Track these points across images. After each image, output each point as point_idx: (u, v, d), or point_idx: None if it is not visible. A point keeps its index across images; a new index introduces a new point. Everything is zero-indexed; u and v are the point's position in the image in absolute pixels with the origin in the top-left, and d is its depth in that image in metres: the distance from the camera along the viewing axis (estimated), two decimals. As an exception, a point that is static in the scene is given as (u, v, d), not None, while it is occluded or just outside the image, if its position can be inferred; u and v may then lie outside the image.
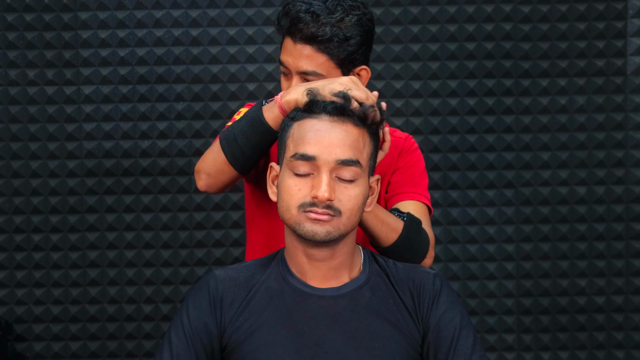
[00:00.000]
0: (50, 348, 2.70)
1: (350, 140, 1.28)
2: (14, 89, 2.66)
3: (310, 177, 1.28)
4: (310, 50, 1.53)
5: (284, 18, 1.54)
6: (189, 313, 1.33)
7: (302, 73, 1.54)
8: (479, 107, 2.68)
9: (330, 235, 1.28)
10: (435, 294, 1.34)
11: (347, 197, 1.28)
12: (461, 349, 1.31)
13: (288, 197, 1.29)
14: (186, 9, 2.66)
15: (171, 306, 2.69)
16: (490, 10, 2.65)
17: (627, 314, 2.70)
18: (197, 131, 2.67)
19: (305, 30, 1.51)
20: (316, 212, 1.26)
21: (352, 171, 1.28)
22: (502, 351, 2.70)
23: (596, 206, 2.69)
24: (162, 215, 2.69)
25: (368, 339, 1.30)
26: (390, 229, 1.49)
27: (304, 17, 1.50)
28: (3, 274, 2.69)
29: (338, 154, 1.27)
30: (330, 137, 1.28)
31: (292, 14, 1.52)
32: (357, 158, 1.28)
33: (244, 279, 1.36)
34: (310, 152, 1.27)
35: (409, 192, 1.64)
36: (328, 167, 1.27)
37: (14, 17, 2.64)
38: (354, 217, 1.30)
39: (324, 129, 1.28)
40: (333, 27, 1.51)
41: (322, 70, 1.54)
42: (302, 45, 1.52)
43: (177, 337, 1.32)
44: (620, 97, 2.67)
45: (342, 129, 1.29)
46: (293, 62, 1.54)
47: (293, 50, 1.54)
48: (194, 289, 1.37)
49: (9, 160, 2.67)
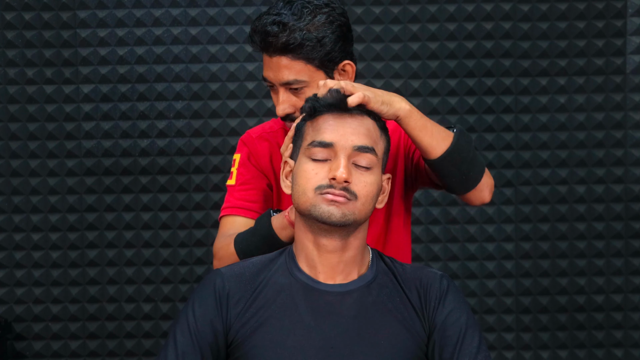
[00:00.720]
0: (50, 347, 2.70)
1: (365, 129, 1.33)
2: (13, 88, 2.66)
3: (327, 162, 1.31)
4: (287, 60, 1.52)
5: (254, 35, 1.54)
6: (194, 311, 1.33)
7: (285, 84, 1.54)
8: (478, 106, 2.68)
9: (346, 217, 1.29)
10: (442, 294, 1.35)
11: (362, 183, 1.31)
12: (466, 349, 1.31)
13: (304, 181, 1.31)
14: (185, 8, 2.65)
15: (170, 305, 2.70)
16: (489, 9, 2.65)
17: (626, 312, 2.70)
18: (196, 130, 2.67)
19: (276, 42, 1.50)
20: (333, 193, 1.28)
21: (368, 158, 1.31)
22: (501, 350, 2.70)
23: (595, 205, 2.69)
24: (161, 214, 2.69)
25: (374, 335, 1.31)
26: (440, 137, 1.43)
27: (272, 30, 1.50)
28: (2, 273, 2.69)
29: (355, 140, 1.31)
30: (345, 127, 1.32)
31: (260, 29, 1.51)
32: (373, 146, 1.32)
33: (250, 275, 1.37)
34: (328, 139, 1.31)
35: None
36: (345, 152, 1.30)
37: (13, 16, 2.64)
38: (368, 205, 1.32)
39: (340, 119, 1.33)
40: (302, 31, 1.50)
41: (304, 76, 1.53)
42: (277, 57, 1.52)
43: (183, 335, 1.32)
44: (620, 96, 2.67)
45: (357, 119, 1.33)
46: (274, 76, 1.54)
47: (271, 64, 1.53)
48: (199, 286, 1.37)
49: (8, 159, 2.67)
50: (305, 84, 1.54)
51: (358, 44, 2.66)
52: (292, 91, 1.55)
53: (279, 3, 1.54)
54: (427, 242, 2.70)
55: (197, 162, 2.68)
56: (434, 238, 2.70)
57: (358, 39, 2.65)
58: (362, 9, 2.65)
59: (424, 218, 2.69)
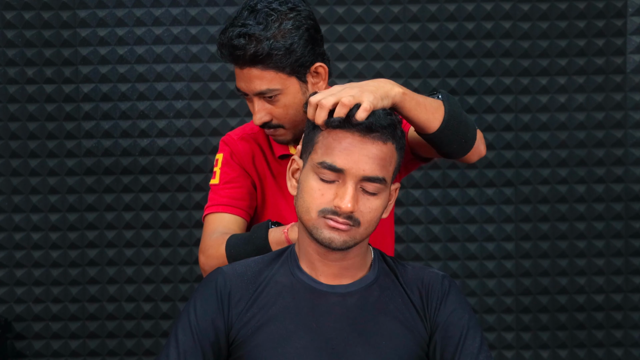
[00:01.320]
0: (50, 346, 2.70)
1: (378, 158, 1.28)
2: (13, 87, 2.66)
3: (335, 184, 1.28)
4: (258, 71, 1.51)
5: (222, 49, 1.52)
6: (196, 310, 1.33)
7: (259, 94, 1.54)
8: (477, 105, 2.67)
9: (347, 244, 1.29)
10: (444, 294, 1.35)
11: (368, 209, 1.29)
12: (468, 349, 1.31)
13: (310, 199, 1.29)
14: (185, 7, 2.65)
15: (170, 304, 2.70)
16: (489, 8, 2.65)
17: (625, 312, 2.70)
18: (196, 129, 2.67)
19: (243, 55, 1.49)
20: (336, 220, 1.27)
21: (377, 187, 1.29)
22: (501, 349, 2.70)
23: (595, 204, 2.69)
24: (161, 213, 2.69)
25: (376, 336, 1.31)
26: (433, 109, 1.40)
27: (239, 42, 1.48)
28: (2, 272, 2.69)
29: (366, 170, 1.27)
30: (361, 153, 1.27)
31: (227, 42, 1.50)
32: (384, 176, 1.29)
33: (252, 274, 1.36)
34: (339, 165, 1.27)
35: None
36: (354, 180, 1.27)
37: (13, 15, 2.64)
38: (371, 228, 1.31)
39: (354, 143, 1.27)
40: (269, 40, 1.49)
41: (276, 85, 1.53)
42: (248, 68, 1.51)
43: (184, 334, 1.32)
44: (620, 95, 2.67)
45: (372, 146, 1.28)
46: (247, 86, 1.53)
47: (242, 75, 1.53)
48: (201, 285, 1.37)
49: (8, 159, 2.67)
50: (278, 91, 1.53)
51: (358, 43, 2.66)
52: (266, 99, 1.54)
53: (243, 12, 1.51)
54: (427, 242, 2.70)
55: (197, 161, 2.68)
56: (434, 237, 2.70)
57: (358, 38, 2.66)
58: (361, 9, 2.65)
59: (424, 218, 2.69)
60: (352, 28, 2.66)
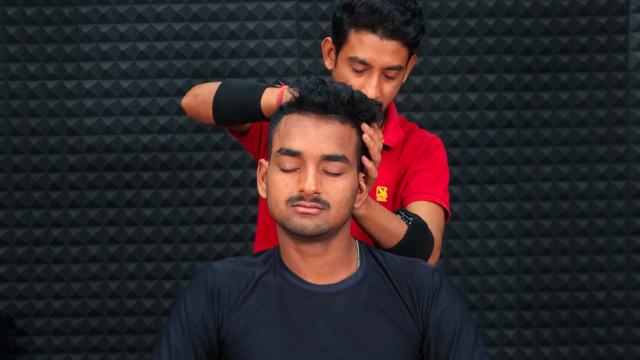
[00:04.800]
0: (51, 342, 2.71)
1: (335, 137, 1.28)
2: (15, 83, 2.66)
3: (297, 171, 1.28)
4: (397, 45, 1.51)
5: (367, 10, 1.49)
6: (186, 307, 1.33)
7: (388, 68, 1.52)
8: (480, 103, 2.67)
9: (320, 228, 1.27)
10: (435, 290, 1.33)
11: (334, 190, 1.27)
12: (463, 346, 1.30)
13: (276, 192, 1.28)
14: (187, 4, 2.65)
15: (172, 301, 2.70)
16: (491, 5, 2.65)
17: (627, 309, 2.70)
18: (197, 126, 2.67)
19: (393, 28, 1.49)
20: (304, 205, 1.26)
21: (338, 166, 1.28)
22: (502, 346, 2.70)
23: (597, 202, 2.68)
24: (163, 210, 2.69)
25: (366, 336, 1.30)
26: (390, 235, 1.46)
27: (394, 15, 1.48)
28: (4, 269, 2.69)
29: (324, 149, 1.26)
30: (316, 133, 1.27)
31: (379, 5, 1.48)
32: (343, 153, 1.28)
33: (242, 273, 1.36)
34: (296, 147, 1.27)
35: (424, 192, 1.61)
36: (314, 161, 1.26)
37: (15, 11, 2.64)
38: (342, 210, 1.29)
39: (310, 124, 1.28)
40: (414, 20, 1.51)
41: (403, 63, 1.54)
42: (388, 40, 1.50)
43: (175, 332, 1.32)
44: (622, 93, 2.66)
45: (328, 125, 1.28)
46: (378, 58, 1.51)
47: (378, 46, 1.50)
48: (191, 282, 1.37)
49: (10, 155, 2.67)
50: (401, 70, 1.54)
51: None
52: (384, 76, 1.53)
53: None
54: (429, 239, 2.70)
55: (199, 158, 2.67)
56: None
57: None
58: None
59: (425, 214, 2.69)
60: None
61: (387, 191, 1.65)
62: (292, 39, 2.66)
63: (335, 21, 1.56)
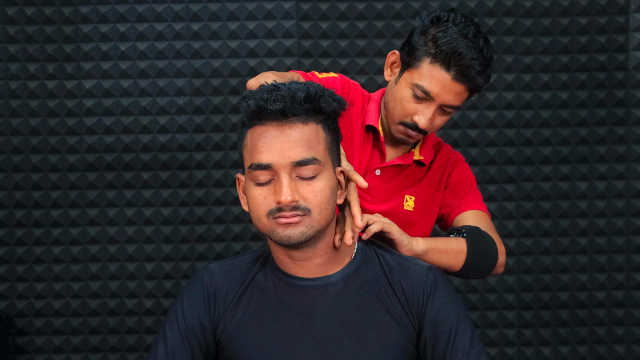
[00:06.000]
0: (51, 342, 2.71)
1: (302, 140, 1.25)
2: (15, 83, 2.66)
3: (271, 183, 1.26)
4: (463, 89, 1.56)
5: (448, 54, 1.52)
6: (183, 307, 1.34)
7: (446, 106, 1.58)
8: (480, 102, 2.67)
9: (305, 235, 1.26)
10: (430, 289, 1.33)
11: (312, 194, 1.25)
12: (459, 344, 1.29)
13: (256, 207, 1.27)
14: (187, 3, 2.65)
15: (172, 300, 2.69)
16: (492, 4, 2.65)
17: (627, 309, 2.70)
18: (197, 125, 2.67)
19: (468, 73, 1.53)
20: (284, 216, 1.25)
21: (311, 169, 1.26)
22: (502, 346, 2.70)
23: (597, 201, 2.68)
24: (163, 209, 2.69)
25: (361, 326, 1.30)
26: (456, 254, 1.54)
27: (474, 64, 1.52)
28: (4, 268, 2.69)
29: (292, 156, 1.24)
30: (282, 142, 1.25)
31: (463, 56, 1.52)
32: (313, 156, 1.26)
33: (238, 273, 1.37)
34: (265, 161, 1.25)
35: (464, 204, 1.70)
36: (285, 170, 1.24)
37: (15, 11, 2.64)
38: (324, 212, 1.27)
39: (273, 134, 1.25)
40: (487, 70, 1.56)
41: (462, 103, 1.60)
42: (457, 83, 1.55)
43: (172, 332, 1.33)
44: (622, 92, 2.66)
45: (291, 130, 1.26)
46: (443, 95, 1.56)
47: (447, 84, 1.55)
48: (188, 283, 1.37)
49: (10, 155, 2.67)
50: (457, 110, 1.61)
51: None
52: (440, 110, 1.59)
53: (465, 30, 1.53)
54: (429, 238, 2.70)
55: (199, 157, 2.67)
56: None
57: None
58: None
59: (425, 214, 2.69)
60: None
61: (414, 200, 1.71)
62: (292, 39, 2.66)
63: (411, 42, 1.59)
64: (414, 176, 1.73)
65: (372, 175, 1.69)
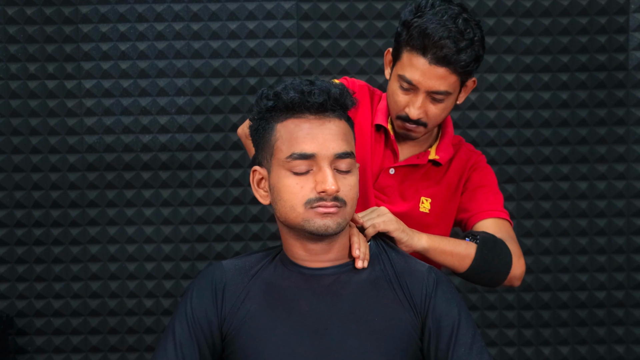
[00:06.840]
0: (52, 342, 2.70)
1: (341, 134, 1.30)
2: (15, 83, 2.66)
3: (310, 173, 1.28)
4: (445, 72, 1.52)
5: (419, 37, 1.50)
6: (192, 302, 1.35)
7: (433, 92, 1.54)
8: (480, 102, 2.67)
9: (341, 226, 1.29)
10: (432, 289, 1.35)
11: (347, 187, 1.30)
12: (462, 339, 1.31)
13: (291, 196, 1.29)
14: (187, 3, 2.65)
15: (172, 300, 2.70)
16: (492, 4, 2.65)
17: (627, 309, 2.70)
18: (198, 125, 2.67)
19: (443, 54, 1.49)
20: (325, 205, 1.27)
21: (348, 162, 1.30)
22: (502, 346, 2.70)
23: (597, 201, 2.68)
24: (163, 209, 2.69)
25: (368, 313, 1.31)
26: (461, 258, 1.53)
27: (445, 43, 1.49)
28: (4, 268, 2.69)
29: (335, 148, 1.28)
30: (324, 133, 1.28)
31: (431, 36, 1.49)
32: (351, 149, 1.31)
33: (249, 268, 1.38)
34: (309, 150, 1.27)
35: (486, 210, 1.67)
36: (327, 161, 1.28)
37: (15, 11, 2.64)
38: (354, 206, 1.32)
39: (314, 126, 1.29)
40: (467, 50, 1.51)
41: (451, 88, 1.55)
42: (436, 66, 1.51)
43: (181, 326, 1.34)
44: (622, 92, 2.66)
45: (331, 124, 1.29)
46: (424, 82, 1.53)
47: (426, 70, 1.52)
48: (198, 277, 1.39)
49: (10, 155, 2.67)
50: (449, 94, 1.56)
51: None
52: (431, 99, 1.56)
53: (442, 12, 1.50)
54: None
55: (199, 157, 2.67)
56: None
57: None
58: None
59: (425, 214, 2.69)
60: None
61: (430, 203, 1.69)
62: (292, 39, 2.66)
63: (395, 36, 1.59)
64: (431, 176, 1.70)
65: (387, 175, 1.68)
